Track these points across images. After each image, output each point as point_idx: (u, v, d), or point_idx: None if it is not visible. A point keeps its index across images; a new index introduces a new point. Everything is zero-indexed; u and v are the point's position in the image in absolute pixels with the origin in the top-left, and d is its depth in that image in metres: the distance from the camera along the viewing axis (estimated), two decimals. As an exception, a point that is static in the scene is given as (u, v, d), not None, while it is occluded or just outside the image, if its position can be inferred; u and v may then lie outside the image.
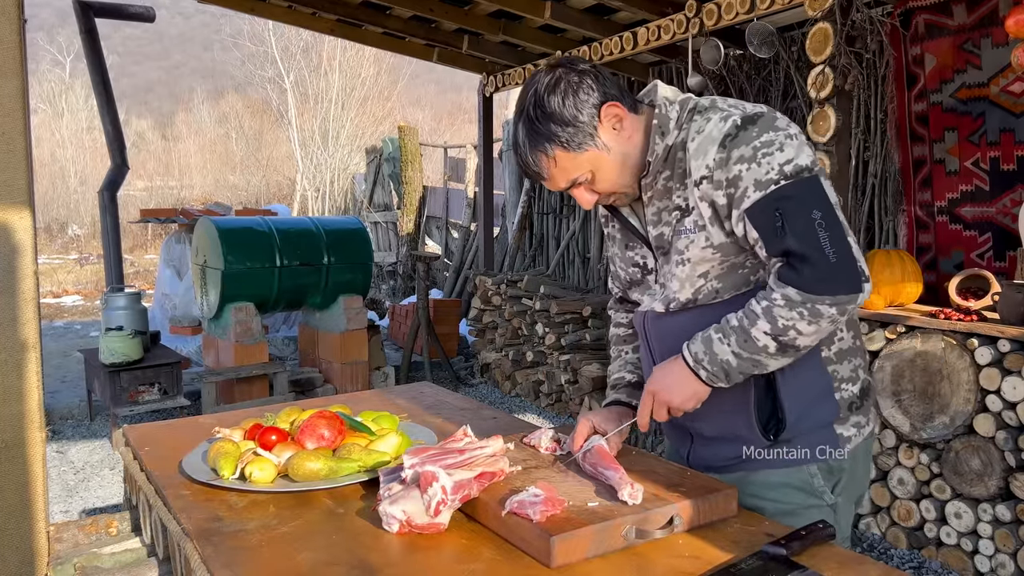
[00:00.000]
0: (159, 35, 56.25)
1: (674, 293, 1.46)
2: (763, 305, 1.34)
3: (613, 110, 1.40)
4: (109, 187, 6.88)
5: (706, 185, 1.37)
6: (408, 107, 27.56)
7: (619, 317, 1.78)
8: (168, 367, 5.03)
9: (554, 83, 1.39)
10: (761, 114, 1.37)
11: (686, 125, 1.42)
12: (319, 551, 1.18)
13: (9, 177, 1.44)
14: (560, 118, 1.38)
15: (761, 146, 1.33)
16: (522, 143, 1.43)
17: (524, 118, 1.42)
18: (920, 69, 3.92)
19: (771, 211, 1.31)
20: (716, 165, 1.35)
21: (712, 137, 1.36)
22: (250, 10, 5.92)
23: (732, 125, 1.35)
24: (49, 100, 26.09)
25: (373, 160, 11.87)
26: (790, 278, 1.32)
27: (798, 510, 1.45)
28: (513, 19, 5.65)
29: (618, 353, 1.75)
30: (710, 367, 1.38)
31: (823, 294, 1.30)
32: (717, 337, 1.37)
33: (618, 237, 1.62)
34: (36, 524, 1.51)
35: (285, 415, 1.66)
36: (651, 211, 1.49)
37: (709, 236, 1.39)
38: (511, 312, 6.01)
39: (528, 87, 1.43)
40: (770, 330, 1.33)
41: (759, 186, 1.32)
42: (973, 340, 2.97)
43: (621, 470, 1.31)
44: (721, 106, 1.41)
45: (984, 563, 2.98)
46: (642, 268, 1.57)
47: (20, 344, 1.47)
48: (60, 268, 15.34)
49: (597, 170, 1.43)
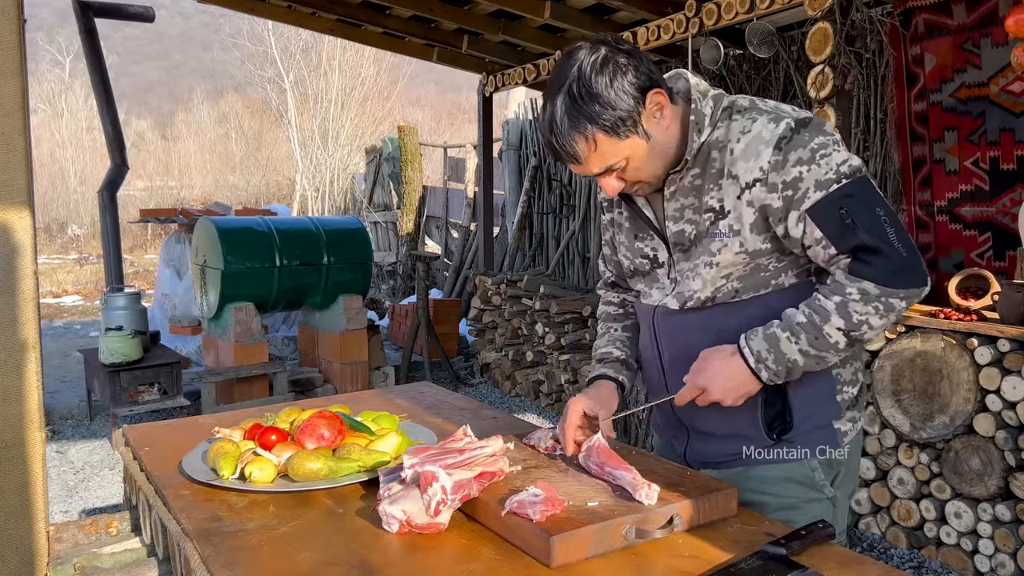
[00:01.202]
0: (159, 35, 56.23)
1: (693, 292, 1.44)
2: (836, 300, 1.33)
3: (657, 97, 1.35)
4: (109, 187, 6.88)
5: (759, 188, 1.34)
6: (408, 107, 27.57)
7: (609, 296, 1.76)
8: (168, 367, 5.03)
9: (600, 63, 1.32)
10: (810, 118, 1.36)
11: (722, 123, 1.39)
12: (319, 551, 1.18)
13: (9, 177, 1.44)
14: (606, 100, 1.31)
15: (817, 147, 1.32)
16: (559, 122, 1.34)
17: (565, 96, 1.33)
18: (920, 69, 3.92)
19: (836, 209, 1.31)
20: (772, 168, 1.33)
21: (764, 139, 1.34)
22: (250, 10, 5.92)
23: (786, 127, 1.33)
24: (49, 100, 26.08)
25: (373, 160, 11.87)
26: (865, 272, 1.31)
27: (799, 504, 1.45)
28: (513, 19, 5.64)
29: (606, 329, 1.72)
30: (774, 366, 1.36)
31: (898, 287, 1.31)
32: (785, 336, 1.35)
33: (626, 226, 1.58)
34: (36, 524, 1.51)
35: (285, 415, 1.66)
36: (673, 206, 1.45)
37: (744, 242, 1.38)
38: (511, 312, 6.01)
39: (568, 63, 1.34)
40: (844, 326, 1.33)
41: (820, 186, 1.31)
42: (973, 340, 2.97)
43: (633, 470, 1.31)
44: (762, 107, 1.39)
45: (984, 563, 2.98)
46: (651, 260, 1.54)
47: (20, 344, 1.47)
48: (60, 268, 15.34)
49: (633, 158, 1.37)
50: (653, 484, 1.27)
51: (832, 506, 1.48)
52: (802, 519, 1.40)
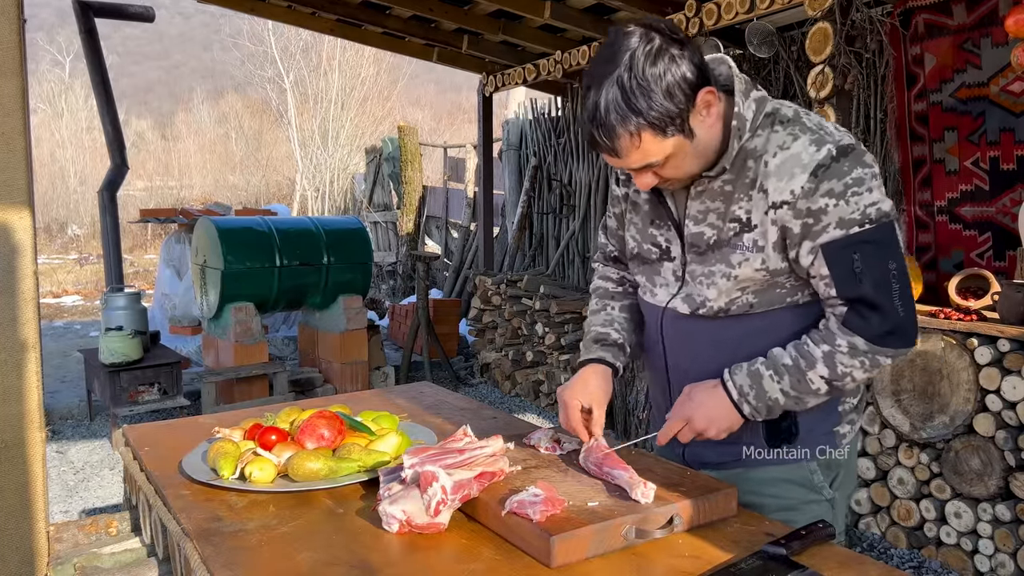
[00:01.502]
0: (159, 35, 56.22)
1: (706, 299, 1.41)
2: (824, 349, 1.33)
3: (707, 96, 1.28)
4: (109, 187, 6.88)
5: (785, 210, 1.31)
6: (408, 107, 27.57)
7: (608, 271, 1.71)
8: (168, 367, 5.03)
9: (655, 53, 1.23)
10: (852, 146, 1.31)
11: (762, 131, 1.34)
12: (319, 551, 1.18)
13: (9, 177, 1.44)
14: (656, 96, 1.23)
15: (852, 183, 1.28)
16: (604, 113, 1.25)
17: (615, 86, 1.24)
18: (920, 69, 3.92)
19: (849, 253, 1.28)
20: (803, 194, 1.29)
21: (802, 162, 1.29)
22: (250, 10, 5.92)
23: (827, 155, 1.28)
24: (49, 100, 26.08)
25: (373, 160, 11.87)
26: (858, 327, 1.31)
27: (798, 505, 1.45)
28: (513, 19, 5.65)
29: (603, 306, 1.66)
30: (755, 402, 1.36)
31: (888, 346, 1.31)
32: (768, 374, 1.35)
33: (644, 208, 1.51)
34: (36, 524, 1.51)
35: (285, 415, 1.66)
36: (696, 206, 1.41)
37: (766, 260, 1.35)
38: (511, 312, 6.01)
39: (619, 48, 1.25)
40: (827, 375, 1.33)
41: (842, 224, 1.28)
42: (973, 340, 2.97)
43: (630, 469, 1.32)
44: (807, 122, 1.34)
45: (984, 563, 2.98)
46: (661, 251, 1.49)
47: (20, 344, 1.47)
48: (60, 268, 15.34)
49: (674, 156, 1.30)
50: (649, 483, 1.27)
51: (831, 507, 1.48)
52: (801, 520, 1.39)
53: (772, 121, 1.35)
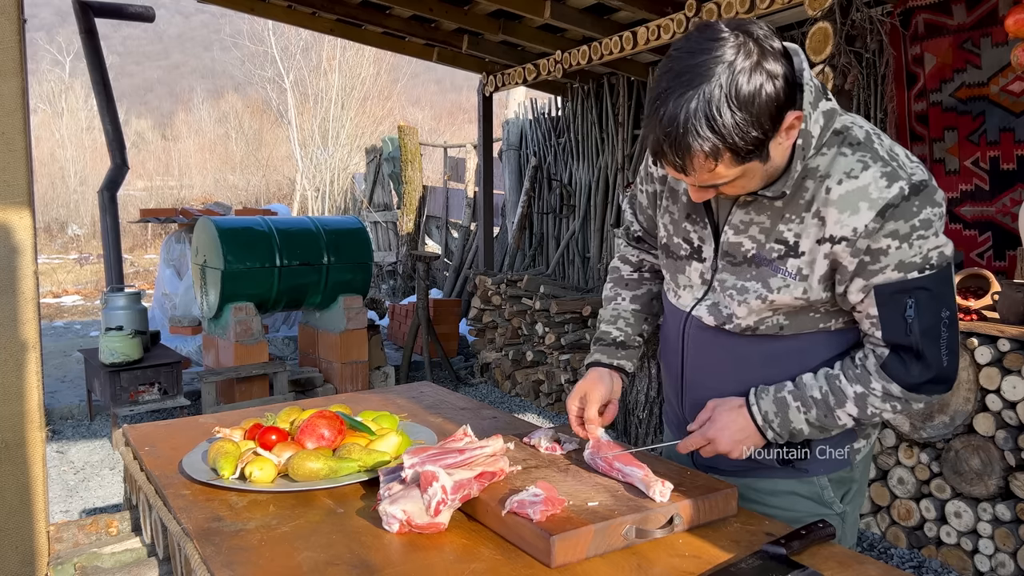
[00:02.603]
0: (159, 35, 56.25)
1: (734, 315, 1.35)
2: (857, 390, 1.29)
3: (793, 121, 1.16)
4: (109, 187, 6.88)
5: (843, 246, 1.21)
6: (408, 107, 27.57)
7: (628, 253, 1.64)
8: (168, 367, 5.03)
9: (752, 68, 1.10)
10: (925, 183, 1.20)
11: (827, 151, 1.23)
12: (319, 551, 1.18)
13: (9, 177, 1.44)
14: (746, 120, 1.10)
15: (920, 226, 1.19)
16: (682, 128, 1.10)
17: (703, 99, 1.09)
18: (920, 68, 3.92)
19: (904, 298, 1.22)
20: (865, 233, 1.19)
21: (870, 197, 1.19)
22: (250, 10, 5.92)
23: (898, 194, 1.18)
24: (49, 100, 26.09)
25: (373, 160, 11.87)
26: (898, 374, 1.26)
27: (806, 518, 1.41)
28: (513, 19, 5.65)
29: (614, 295, 1.62)
30: (779, 429, 1.33)
31: (924, 394, 1.28)
32: (796, 405, 1.32)
33: (683, 200, 1.40)
34: (36, 524, 1.51)
35: (285, 415, 1.66)
36: (741, 216, 1.31)
37: (808, 289, 1.27)
38: (511, 312, 6.01)
39: (711, 55, 1.10)
40: (856, 414, 1.30)
41: (901, 268, 1.21)
42: (973, 339, 2.97)
43: (645, 468, 1.32)
44: (879, 149, 1.22)
45: (984, 562, 2.98)
46: (692, 249, 1.40)
47: (20, 344, 1.47)
48: (60, 268, 15.34)
49: (742, 177, 1.20)
50: (667, 481, 1.28)
51: (842, 521, 1.45)
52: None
53: (841, 141, 1.24)
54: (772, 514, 1.40)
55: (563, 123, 7.17)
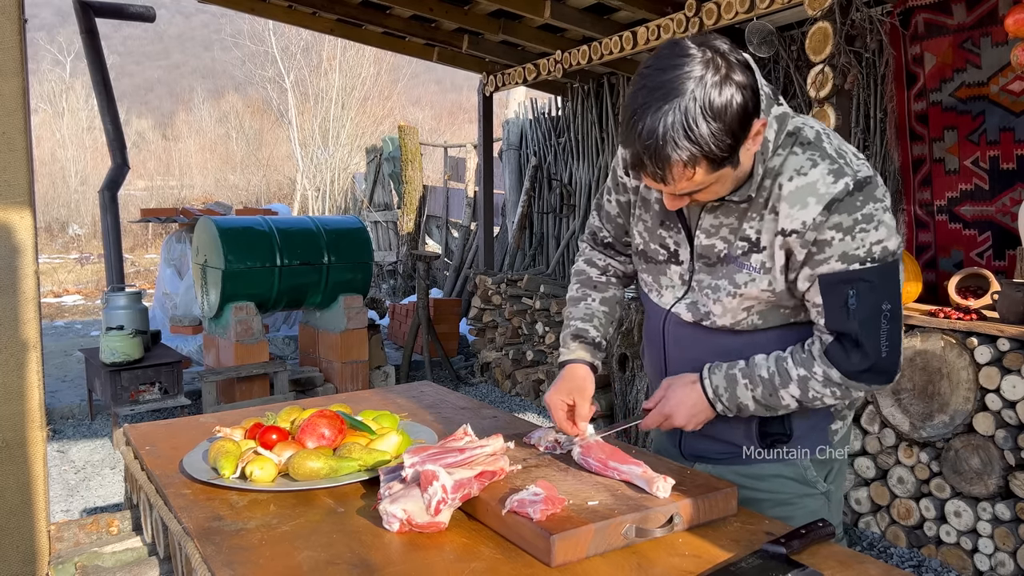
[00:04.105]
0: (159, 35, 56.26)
1: (711, 314, 1.42)
2: (800, 373, 1.36)
3: (759, 127, 1.23)
4: (110, 186, 6.88)
5: (794, 239, 1.30)
6: (408, 106, 27.57)
7: (594, 256, 1.70)
8: (169, 366, 5.04)
9: (721, 82, 1.17)
10: (869, 179, 1.28)
11: (782, 151, 1.32)
12: (320, 550, 1.19)
13: (10, 177, 1.44)
14: (720, 130, 1.17)
15: (862, 219, 1.26)
16: (661, 140, 1.17)
17: (680, 112, 1.15)
18: (920, 68, 3.92)
19: (846, 288, 1.29)
20: (813, 226, 1.27)
21: (818, 192, 1.27)
22: (250, 10, 5.92)
23: (843, 189, 1.26)
24: (49, 100, 26.09)
25: (373, 159, 11.88)
26: (838, 360, 1.33)
27: (792, 499, 1.47)
28: (513, 18, 5.65)
29: (583, 295, 1.68)
30: (727, 403, 1.41)
31: (862, 383, 1.34)
32: (744, 382, 1.39)
33: (656, 208, 1.48)
34: (37, 523, 1.51)
35: (285, 414, 1.66)
36: (710, 219, 1.39)
37: (773, 281, 1.35)
38: (511, 311, 6.01)
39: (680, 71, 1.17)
40: (798, 396, 1.37)
41: (844, 259, 1.28)
42: (973, 339, 2.97)
43: (643, 464, 1.33)
44: (827, 148, 1.31)
45: (984, 562, 2.98)
46: (670, 254, 1.48)
47: (21, 343, 1.47)
48: (61, 267, 15.34)
49: (716, 183, 1.27)
50: (668, 477, 1.29)
51: (827, 500, 1.50)
52: (797, 514, 1.43)
53: (793, 141, 1.32)
54: (762, 499, 1.45)
55: (563, 123, 7.17)
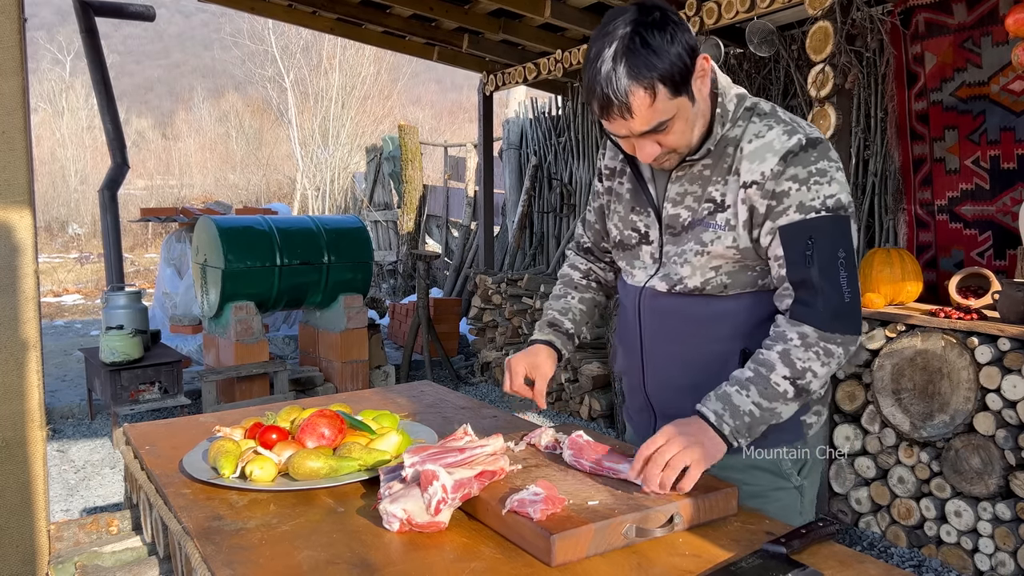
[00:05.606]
0: (159, 34, 56.27)
1: (682, 277, 1.47)
2: (778, 350, 1.38)
3: (704, 63, 1.37)
4: (109, 186, 6.88)
5: (754, 190, 1.39)
6: (408, 106, 27.58)
7: (578, 260, 1.81)
8: (168, 366, 5.04)
9: (658, 22, 1.31)
10: (821, 139, 1.40)
11: (742, 123, 1.44)
12: (320, 550, 1.19)
13: (9, 176, 1.44)
14: (666, 54, 1.29)
15: (816, 172, 1.37)
16: (617, 73, 1.29)
17: (623, 49, 1.29)
18: (920, 67, 3.92)
19: (804, 237, 1.36)
20: (771, 176, 1.37)
21: (774, 148, 1.38)
22: (250, 9, 5.91)
23: (797, 143, 1.38)
24: (49, 99, 26.09)
25: (373, 159, 11.88)
26: (804, 314, 1.37)
27: (767, 492, 1.49)
28: (513, 18, 5.65)
29: (564, 293, 1.78)
30: (733, 421, 1.35)
31: (835, 331, 1.37)
32: (735, 390, 1.38)
33: (626, 198, 1.60)
34: (37, 523, 1.51)
35: (285, 414, 1.66)
36: (675, 189, 1.48)
37: (737, 238, 1.42)
38: (511, 311, 6.01)
39: (620, 21, 1.32)
40: (789, 374, 1.37)
41: (801, 209, 1.36)
42: (973, 339, 2.97)
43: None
44: (782, 116, 1.44)
45: (984, 561, 2.98)
46: (640, 236, 1.57)
47: (20, 343, 1.47)
48: (60, 267, 15.35)
49: (678, 119, 1.36)
50: None
51: (800, 495, 1.52)
52: (770, 508, 1.44)
53: (751, 114, 1.44)
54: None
55: (563, 122, 7.17)
